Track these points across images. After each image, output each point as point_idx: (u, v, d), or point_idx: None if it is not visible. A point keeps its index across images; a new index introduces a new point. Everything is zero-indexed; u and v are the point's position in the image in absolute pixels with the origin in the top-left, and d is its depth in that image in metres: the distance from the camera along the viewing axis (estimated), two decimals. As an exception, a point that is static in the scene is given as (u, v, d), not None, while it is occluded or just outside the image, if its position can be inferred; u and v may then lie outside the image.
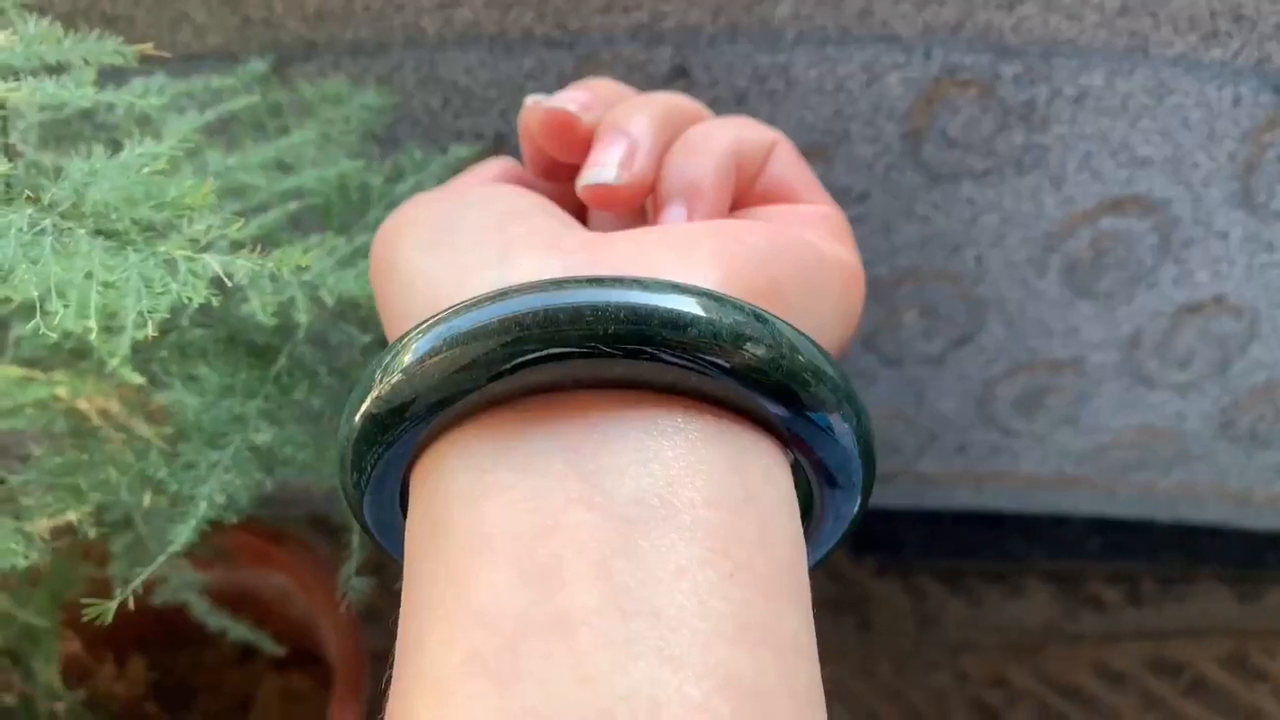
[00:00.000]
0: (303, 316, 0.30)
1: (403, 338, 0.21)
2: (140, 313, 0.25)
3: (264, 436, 0.30)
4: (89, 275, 0.23)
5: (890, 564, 0.79)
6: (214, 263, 0.21)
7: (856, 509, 0.24)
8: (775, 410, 0.21)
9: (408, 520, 0.22)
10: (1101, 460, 0.60)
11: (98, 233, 0.22)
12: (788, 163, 0.31)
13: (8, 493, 0.30)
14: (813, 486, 0.23)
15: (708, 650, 0.18)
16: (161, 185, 0.23)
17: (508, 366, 0.20)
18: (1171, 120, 0.44)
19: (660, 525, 0.19)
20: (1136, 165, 0.45)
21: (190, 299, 0.21)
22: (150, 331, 0.25)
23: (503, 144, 0.45)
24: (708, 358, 0.20)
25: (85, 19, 0.40)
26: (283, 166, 0.35)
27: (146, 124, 0.36)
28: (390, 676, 0.20)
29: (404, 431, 0.21)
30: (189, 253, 0.22)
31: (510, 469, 0.20)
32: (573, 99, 0.30)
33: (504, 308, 0.21)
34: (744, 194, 0.30)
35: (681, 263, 0.23)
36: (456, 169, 0.38)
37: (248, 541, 0.59)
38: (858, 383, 0.55)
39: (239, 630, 0.40)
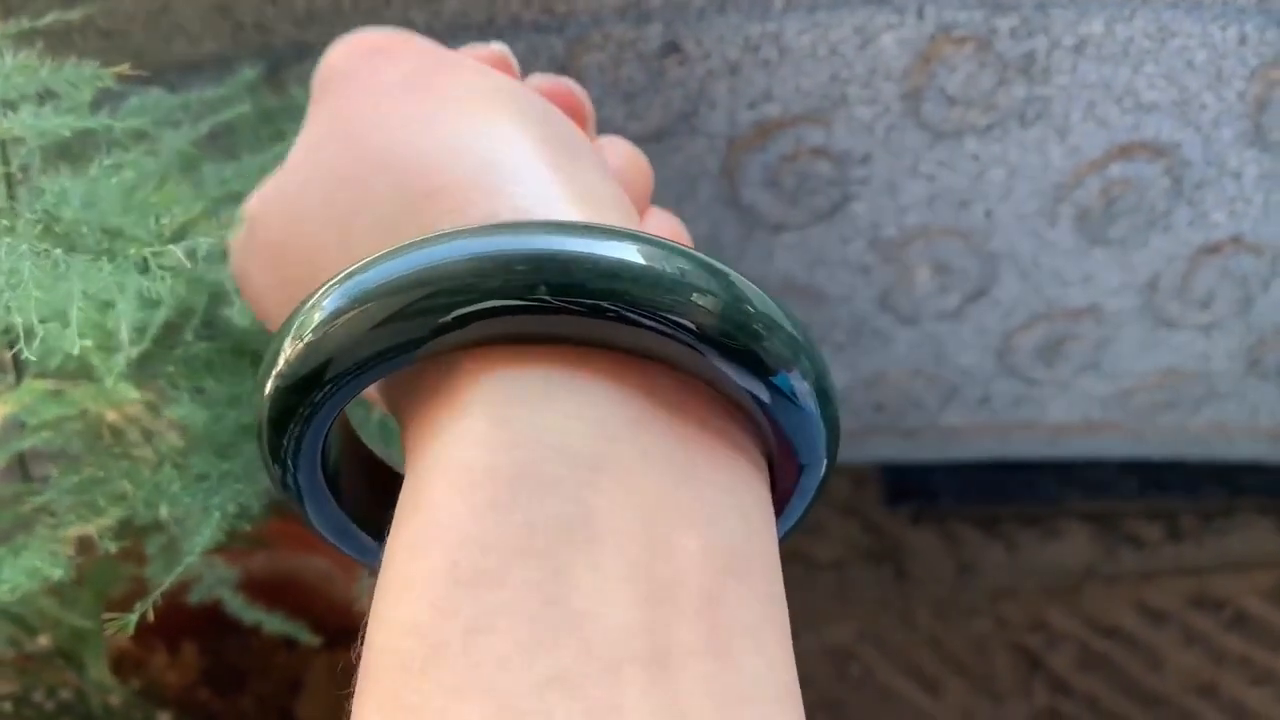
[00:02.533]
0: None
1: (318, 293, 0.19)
2: (135, 328, 0.26)
3: (272, 444, 0.31)
4: (84, 294, 0.23)
5: (925, 512, 0.79)
6: (178, 251, 0.22)
7: (821, 478, 0.21)
8: (730, 370, 0.19)
9: (460, 428, 0.18)
10: (1128, 404, 0.60)
11: (71, 249, 0.22)
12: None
13: (33, 513, 0.31)
14: (774, 463, 0.21)
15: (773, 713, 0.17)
16: (144, 204, 0.23)
17: (460, 315, 0.18)
18: (1176, 63, 0.43)
19: (744, 577, 0.18)
20: (1143, 110, 0.45)
21: (164, 300, 0.22)
22: (144, 345, 0.26)
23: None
24: (665, 315, 0.18)
25: (81, 35, 0.41)
26: (279, 173, 0.35)
27: (144, 138, 0.37)
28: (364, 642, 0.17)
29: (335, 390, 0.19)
30: (156, 247, 0.22)
31: (634, 450, 0.18)
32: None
33: (449, 250, 0.18)
34: None
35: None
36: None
37: (286, 529, 0.60)
38: (873, 343, 0.55)
39: (274, 623, 0.42)
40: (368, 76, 0.25)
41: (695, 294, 0.18)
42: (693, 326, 0.18)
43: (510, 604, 0.16)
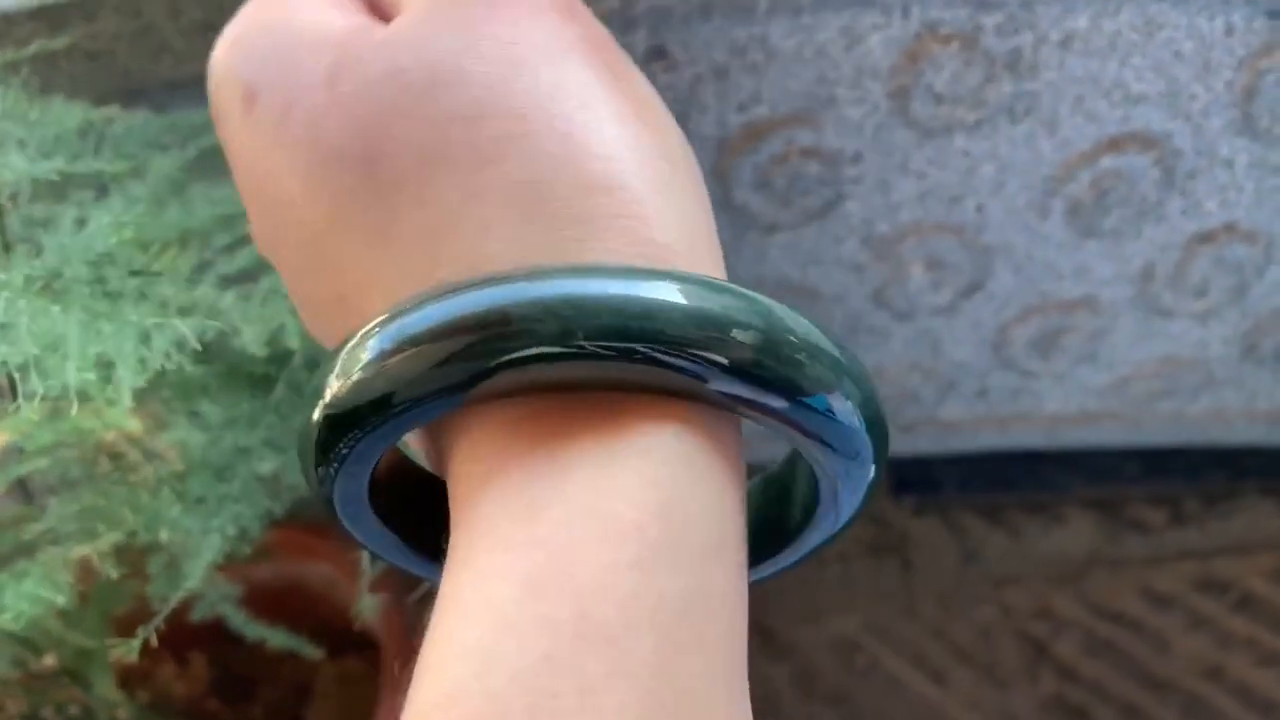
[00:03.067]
0: (295, 342, 0.31)
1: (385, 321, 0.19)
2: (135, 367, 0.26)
3: (269, 465, 0.31)
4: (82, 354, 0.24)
5: (929, 502, 0.79)
6: (183, 326, 0.22)
7: (870, 479, 0.21)
8: (777, 404, 0.19)
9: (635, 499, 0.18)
10: (1125, 393, 0.60)
11: (68, 306, 0.23)
12: None
13: (35, 539, 0.31)
14: (815, 463, 0.21)
15: None
16: (129, 252, 0.24)
17: (495, 365, 0.17)
18: (1163, 55, 0.43)
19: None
20: (1131, 103, 0.45)
21: (160, 364, 0.22)
22: (140, 382, 0.26)
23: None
24: (700, 353, 0.18)
25: (67, 59, 0.41)
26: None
27: (133, 162, 0.37)
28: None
29: (384, 422, 0.18)
30: (160, 318, 0.22)
31: (738, 526, 0.19)
32: None
33: (483, 297, 0.18)
34: None
35: None
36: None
37: (290, 537, 0.60)
38: (870, 340, 0.55)
39: (278, 638, 0.42)
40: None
41: (736, 329, 0.18)
42: (725, 362, 0.18)
43: (629, 669, 0.16)
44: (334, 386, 0.19)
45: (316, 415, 0.19)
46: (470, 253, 0.19)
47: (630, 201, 0.20)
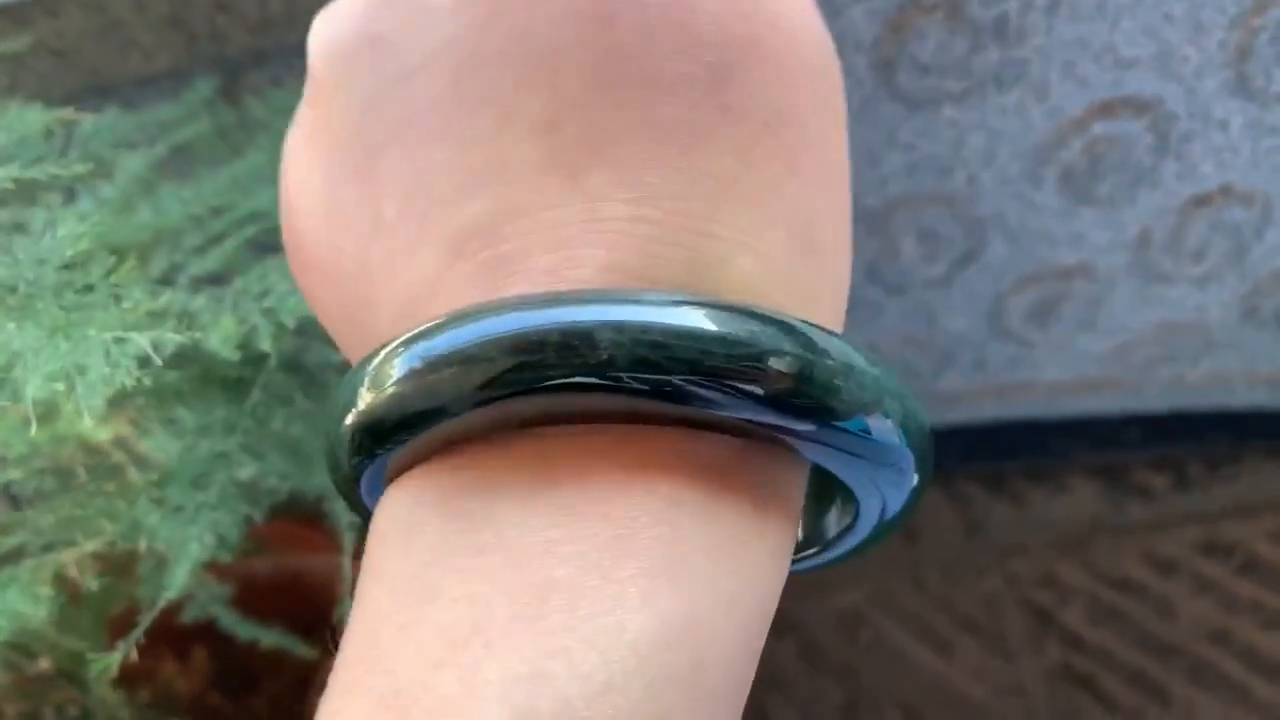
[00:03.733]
0: (267, 344, 0.30)
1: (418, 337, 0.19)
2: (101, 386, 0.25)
3: (247, 471, 0.30)
4: (42, 374, 0.23)
5: (931, 474, 0.78)
6: (142, 340, 0.21)
7: (913, 490, 0.22)
8: (805, 428, 0.18)
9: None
10: (1125, 359, 0.59)
11: (26, 321, 0.22)
12: None
13: (18, 548, 0.31)
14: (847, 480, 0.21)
15: None
16: (86, 257, 0.23)
17: (523, 389, 0.17)
18: (1153, 17, 0.42)
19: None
20: (1123, 67, 0.44)
21: (123, 379, 0.21)
22: (110, 393, 0.25)
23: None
24: (734, 384, 0.17)
25: (33, 56, 0.40)
26: (239, 190, 0.35)
27: (101, 162, 0.36)
28: None
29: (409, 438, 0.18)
30: (121, 332, 0.22)
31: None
32: None
33: (503, 323, 0.17)
34: None
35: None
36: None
37: (286, 530, 0.60)
38: (863, 314, 0.54)
39: (270, 637, 0.42)
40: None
41: (772, 357, 0.17)
42: (760, 392, 0.17)
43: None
44: (389, 390, 0.18)
45: (349, 422, 0.18)
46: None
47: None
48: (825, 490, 0.23)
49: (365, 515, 0.22)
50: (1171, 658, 0.71)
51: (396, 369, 0.18)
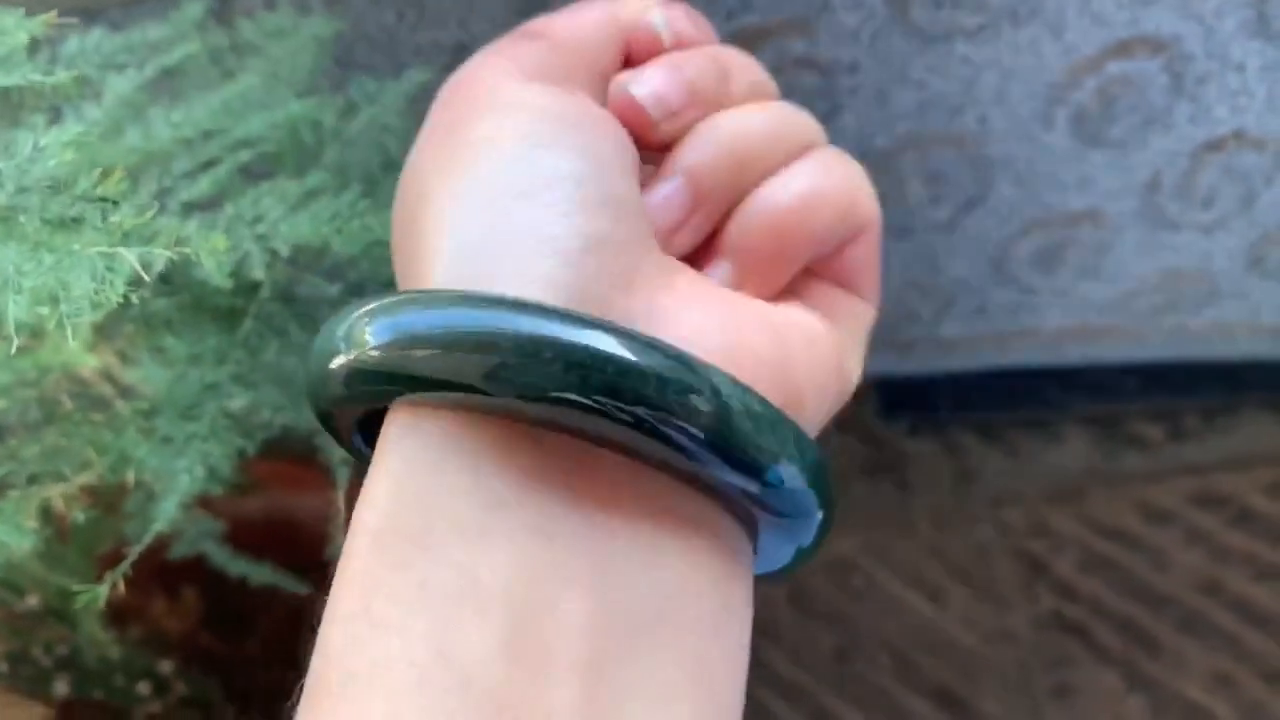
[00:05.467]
0: (260, 272, 0.29)
1: (440, 298, 0.19)
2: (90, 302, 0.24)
3: (239, 403, 0.30)
4: (25, 289, 0.22)
5: (924, 422, 0.78)
6: (130, 256, 0.20)
7: (817, 527, 0.22)
8: (739, 483, 0.19)
9: (374, 489, 0.19)
10: (1128, 307, 0.58)
11: (8, 237, 0.21)
12: (870, 249, 0.27)
13: (3, 479, 0.30)
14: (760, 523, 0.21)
15: None
16: (73, 175, 0.22)
17: (540, 396, 0.18)
18: (1175, -49, 0.41)
19: (657, 642, 0.18)
20: (1140, 4, 0.42)
21: (110, 295, 0.20)
22: (97, 316, 0.24)
23: (462, 54, 0.42)
24: (676, 422, 0.18)
25: (16, -26, 0.38)
26: (231, 114, 0.33)
27: (87, 85, 0.35)
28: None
29: (395, 394, 0.19)
30: (104, 247, 0.21)
31: (522, 516, 0.18)
32: (660, 97, 0.24)
33: (557, 330, 0.18)
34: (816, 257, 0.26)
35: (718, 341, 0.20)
36: (413, 96, 0.37)
37: (279, 470, 0.59)
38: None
39: (262, 573, 0.41)
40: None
41: (692, 395, 0.18)
42: (696, 432, 0.18)
43: (406, 651, 0.17)
44: (373, 343, 0.19)
45: (337, 365, 0.20)
46: None
47: None
48: None
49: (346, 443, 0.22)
50: (1162, 607, 0.71)
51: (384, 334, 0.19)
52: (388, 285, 0.36)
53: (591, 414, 0.18)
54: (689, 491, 0.20)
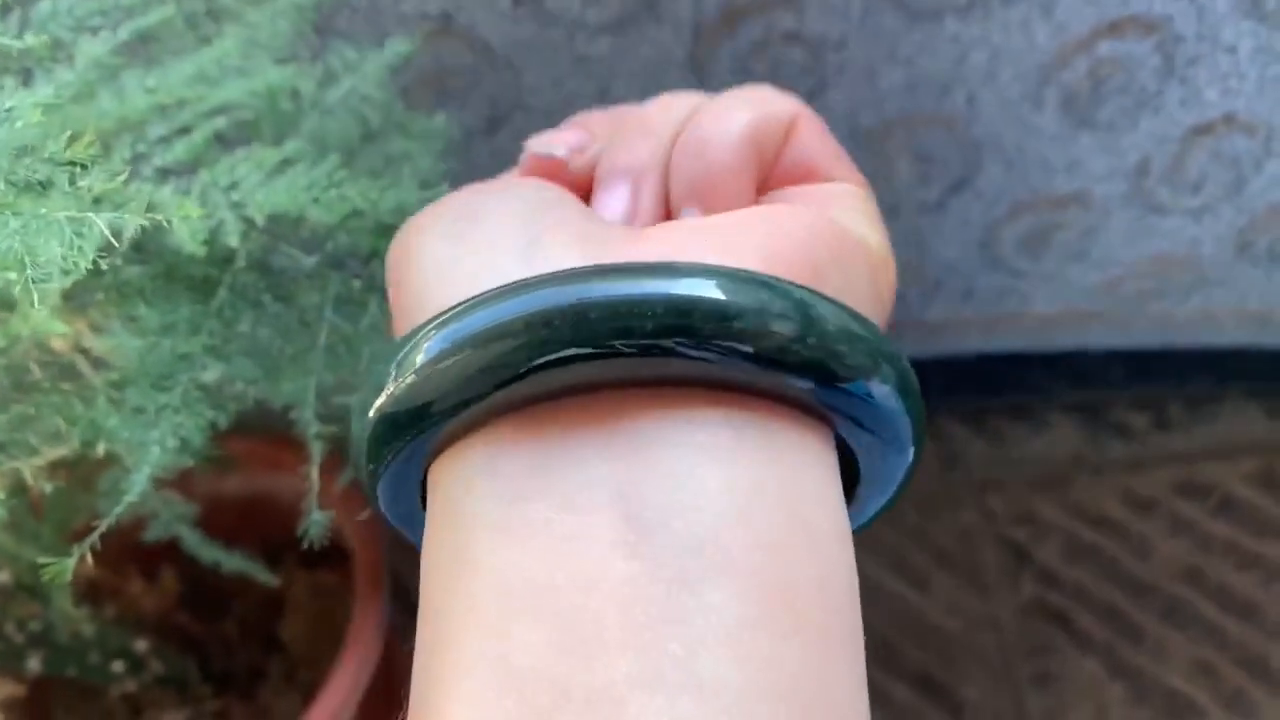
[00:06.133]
0: (234, 239, 0.29)
1: (416, 332, 0.20)
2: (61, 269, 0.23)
3: (212, 374, 0.29)
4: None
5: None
6: (99, 221, 0.20)
7: (909, 462, 0.23)
8: (805, 386, 0.19)
9: (426, 526, 0.21)
10: (1115, 293, 0.58)
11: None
12: (810, 136, 0.28)
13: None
14: (854, 447, 0.22)
15: None
16: (40, 139, 0.21)
17: (525, 369, 0.19)
18: (1168, -70, 0.40)
19: (711, 578, 0.17)
20: (1132, -17, 0.42)
21: (79, 261, 0.20)
22: (66, 283, 0.24)
23: (449, 23, 0.42)
24: (730, 344, 0.19)
25: (-13, -65, 0.38)
26: (207, 81, 0.33)
27: (60, 48, 0.34)
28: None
29: (420, 433, 0.20)
30: (73, 212, 0.20)
31: (546, 501, 0.18)
32: (563, 141, 0.27)
33: (518, 304, 0.19)
34: (766, 176, 0.27)
35: (719, 257, 0.21)
36: (395, 66, 0.36)
37: (257, 449, 0.59)
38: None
39: (233, 561, 0.40)
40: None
41: (775, 321, 0.19)
42: (750, 351, 0.19)
43: (465, 666, 0.18)
44: (389, 389, 0.20)
45: (372, 415, 0.20)
46: None
47: None
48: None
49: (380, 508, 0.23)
50: (1145, 596, 0.71)
51: (421, 355, 0.20)
52: (366, 258, 0.36)
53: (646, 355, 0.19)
54: (724, 407, 0.20)
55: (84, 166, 0.25)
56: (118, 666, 0.52)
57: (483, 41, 0.43)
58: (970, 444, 0.77)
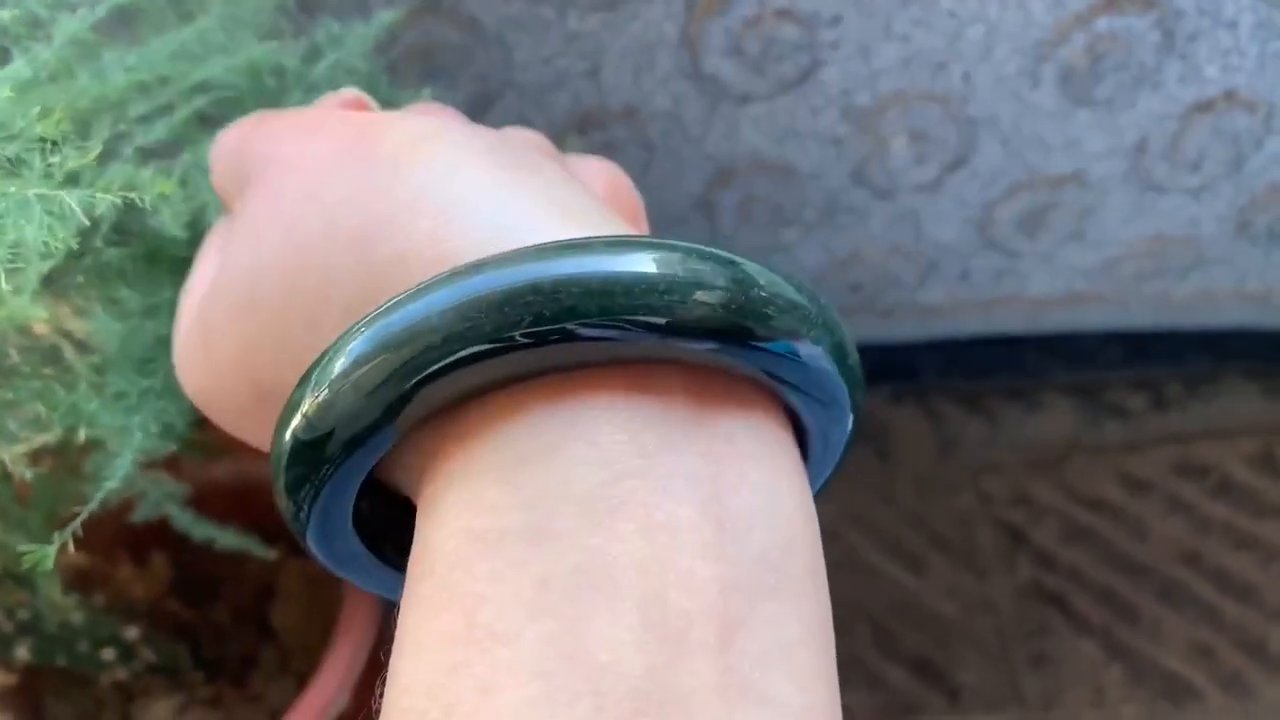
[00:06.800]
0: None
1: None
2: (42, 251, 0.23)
3: (195, 357, 0.28)
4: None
5: (906, 390, 0.77)
6: (70, 200, 0.19)
7: (848, 430, 0.22)
8: (758, 363, 0.19)
9: (431, 504, 0.18)
10: (1113, 273, 0.58)
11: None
12: None
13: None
14: (802, 425, 0.21)
15: None
16: (11, 117, 0.21)
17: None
18: (1168, -98, 0.40)
19: (776, 595, 0.17)
20: (1132, -43, 0.41)
21: (51, 241, 0.19)
22: (45, 267, 0.23)
23: (437, 2, 0.41)
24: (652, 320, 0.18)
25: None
26: (189, 58, 0.32)
27: (37, 25, 0.33)
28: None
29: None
30: (44, 190, 0.19)
31: (647, 481, 0.17)
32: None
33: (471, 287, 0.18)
34: None
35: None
36: (381, 40, 0.35)
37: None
38: (849, 219, 0.52)
39: (228, 538, 0.40)
40: (296, 159, 0.23)
41: (699, 290, 0.18)
42: (662, 323, 0.17)
43: (524, 662, 0.16)
44: (295, 420, 0.19)
45: (285, 442, 0.19)
46: None
47: None
48: None
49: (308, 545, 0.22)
50: (1142, 577, 0.70)
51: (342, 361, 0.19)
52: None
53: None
54: (761, 402, 0.20)
55: (55, 144, 0.24)
56: (108, 654, 0.51)
57: (472, 18, 0.42)
58: (966, 426, 0.77)
